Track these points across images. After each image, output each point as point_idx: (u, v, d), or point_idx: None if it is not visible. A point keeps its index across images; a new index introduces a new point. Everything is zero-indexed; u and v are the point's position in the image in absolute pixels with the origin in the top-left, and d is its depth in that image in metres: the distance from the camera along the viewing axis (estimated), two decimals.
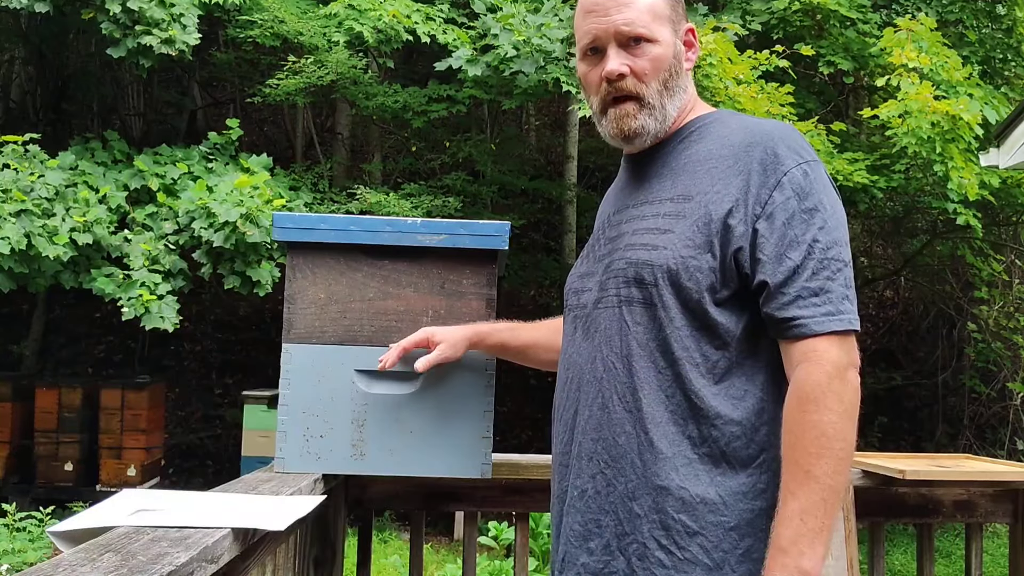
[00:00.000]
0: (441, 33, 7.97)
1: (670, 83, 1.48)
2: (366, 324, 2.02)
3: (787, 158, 1.40)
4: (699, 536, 1.35)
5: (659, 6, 1.48)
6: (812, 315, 1.35)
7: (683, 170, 1.46)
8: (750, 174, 1.39)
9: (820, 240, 1.37)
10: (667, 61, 1.48)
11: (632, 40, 1.46)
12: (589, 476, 1.44)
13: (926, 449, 9.51)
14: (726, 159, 1.42)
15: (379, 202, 7.96)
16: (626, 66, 1.46)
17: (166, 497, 1.58)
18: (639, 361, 1.41)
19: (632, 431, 1.40)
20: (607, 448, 1.42)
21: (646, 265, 1.41)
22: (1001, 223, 9.33)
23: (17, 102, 11.54)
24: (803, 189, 1.38)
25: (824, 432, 1.31)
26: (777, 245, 1.36)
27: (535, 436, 10.08)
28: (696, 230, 1.39)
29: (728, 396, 1.39)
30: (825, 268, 1.37)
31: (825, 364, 1.33)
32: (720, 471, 1.37)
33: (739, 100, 6.52)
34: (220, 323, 11.16)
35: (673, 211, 1.43)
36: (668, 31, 1.48)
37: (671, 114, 1.49)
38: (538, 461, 2.44)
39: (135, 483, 7.91)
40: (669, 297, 1.40)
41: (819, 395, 1.32)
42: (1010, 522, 2.58)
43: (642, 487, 1.39)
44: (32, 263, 6.78)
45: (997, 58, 8.73)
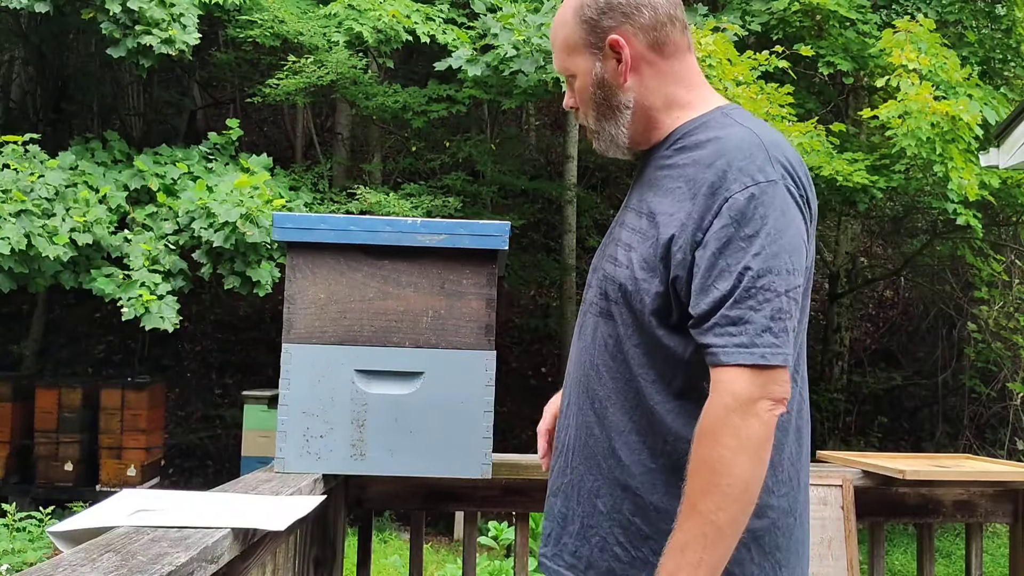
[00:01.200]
0: (441, 33, 7.97)
1: (602, 107, 1.47)
2: (366, 324, 2.02)
3: (735, 182, 1.33)
4: (650, 540, 1.39)
5: (572, 38, 1.47)
6: (724, 344, 1.30)
7: (655, 185, 1.44)
8: (697, 198, 1.35)
9: (752, 268, 1.30)
10: (588, 90, 1.47)
11: (568, 79, 1.51)
12: (571, 468, 1.51)
13: (926, 449, 9.52)
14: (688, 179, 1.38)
15: (379, 202, 7.96)
16: (572, 99, 1.52)
17: (166, 497, 1.58)
18: (607, 371, 1.45)
19: (599, 435, 1.45)
20: (582, 447, 1.49)
21: (612, 280, 1.44)
22: (1001, 223, 9.33)
23: (17, 102, 11.54)
24: (744, 215, 1.31)
25: (713, 468, 1.27)
26: (706, 275, 1.32)
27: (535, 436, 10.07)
28: (651, 253, 1.38)
29: (683, 413, 1.38)
30: (750, 298, 1.30)
31: (726, 396, 1.29)
32: (675, 483, 1.35)
33: (738, 101, 6.52)
34: (220, 323, 11.16)
35: (639, 228, 1.42)
36: (585, 59, 1.46)
37: (623, 131, 1.48)
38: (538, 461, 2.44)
39: (135, 483, 7.91)
40: (626, 314, 1.41)
41: (714, 429, 1.28)
42: (1010, 522, 2.58)
43: (605, 487, 1.44)
44: (32, 263, 6.78)
45: (996, 58, 8.73)
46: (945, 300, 10.45)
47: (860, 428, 10.16)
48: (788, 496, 1.41)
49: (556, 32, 1.50)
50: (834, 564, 2.35)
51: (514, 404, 10.17)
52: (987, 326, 9.37)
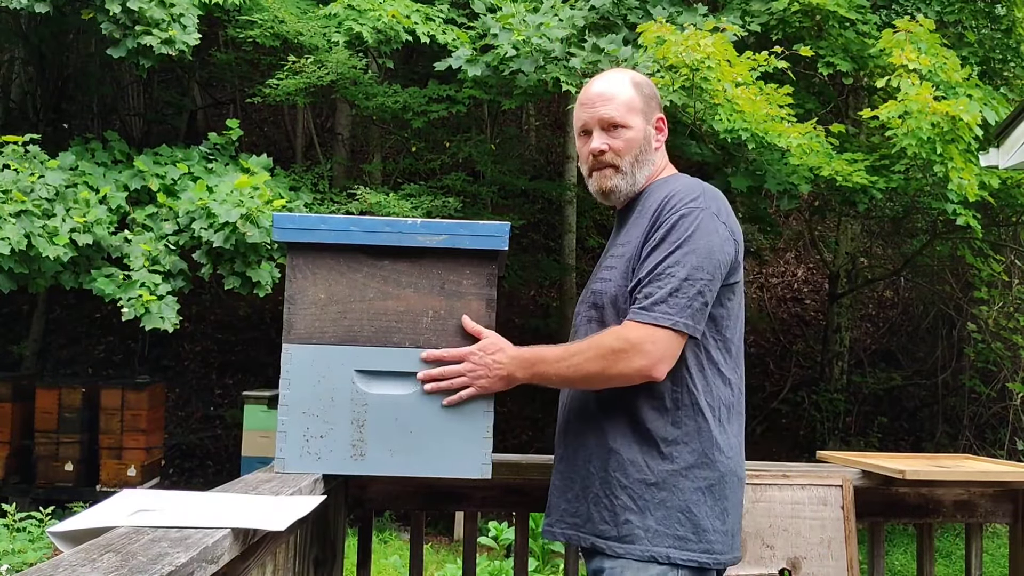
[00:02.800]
0: (441, 33, 7.97)
1: (640, 157, 1.98)
2: (366, 324, 2.02)
3: (670, 211, 1.87)
4: (628, 489, 1.85)
5: (634, 102, 1.98)
6: (634, 310, 1.84)
7: (632, 223, 1.97)
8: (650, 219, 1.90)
9: (667, 260, 1.83)
10: (638, 142, 1.98)
11: (612, 126, 1.97)
12: (564, 445, 1.99)
13: (926, 449, 9.52)
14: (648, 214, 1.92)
15: (379, 202, 7.97)
16: (606, 144, 1.97)
17: (166, 497, 1.58)
18: None
19: (590, 409, 1.93)
20: (574, 425, 1.97)
21: (600, 294, 1.95)
22: (1001, 223, 9.33)
23: (17, 102, 11.55)
24: (672, 226, 1.85)
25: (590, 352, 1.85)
26: (639, 271, 1.86)
27: (535, 436, 10.08)
28: (627, 267, 1.91)
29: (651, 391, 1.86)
30: (657, 279, 1.83)
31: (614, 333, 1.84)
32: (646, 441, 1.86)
33: (737, 102, 6.52)
34: (220, 323, 11.16)
35: (618, 254, 1.96)
36: (639, 119, 1.98)
37: (640, 180, 2.00)
38: (538, 461, 2.45)
39: (135, 483, 7.92)
40: (610, 314, 1.91)
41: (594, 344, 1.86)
42: (1010, 522, 2.58)
43: (595, 454, 1.90)
44: (32, 263, 6.78)
45: (996, 59, 8.72)
46: (945, 300, 10.45)
47: (860, 428, 10.17)
48: (734, 460, 1.89)
49: (619, 91, 1.98)
50: (834, 564, 2.35)
51: (514, 404, 10.18)
52: (987, 326, 9.37)
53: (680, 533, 1.81)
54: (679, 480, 1.83)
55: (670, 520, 1.81)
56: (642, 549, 1.80)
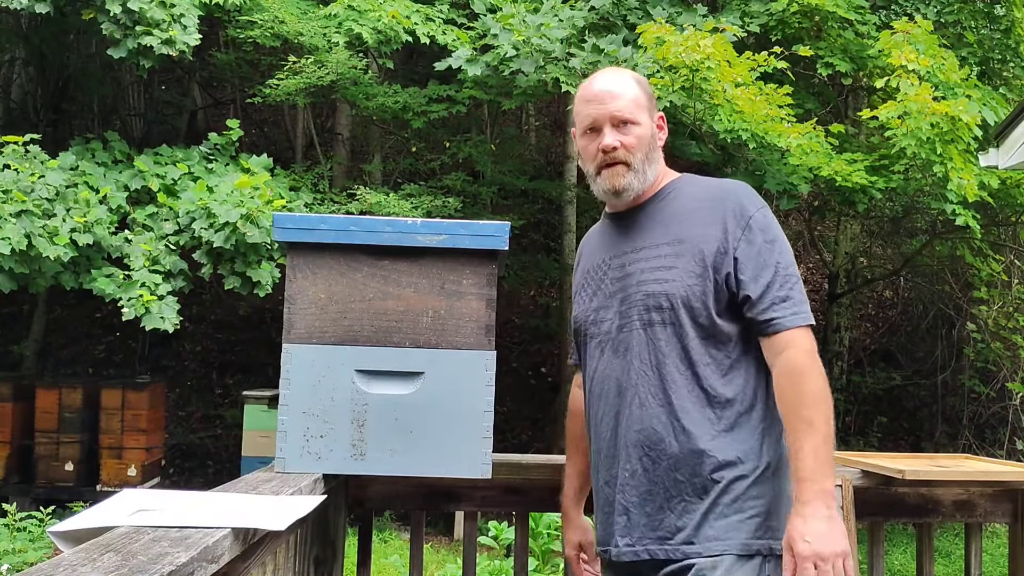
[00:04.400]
0: (441, 34, 7.97)
1: (650, 155, 1.96)
2: (366, 324, 2.02)
3: (749, 206, 1.90)
4: (727, 487, 1.82)
5: (641, 99, 1.96)
6: (783, 315, 1.84)
7: (671, 221, 1.93)
8: (726, 220, 1.88)
9: (781, 262, 1.86)
10: (647, 139, 1.95)
11: (622, 122, 1.93)
12: (637, 459, 1.88)
13: (925, 449, 9.51)
14: (703, 210, 1.91)
15: (379, 202, 7.97)
16: (618, 141, 1.93)
17: (166, 497, 1.59)
18: (666, 368, 1.87)
19: (667, 420, 1.86)
20: (648, 436, 1.87)
21: (661, 295, 1.88)
22: (1000, 223, 9.33)
23: (17, 102, 11.54)
24: (763, 227, 1.88)
25: (816, 394, 1.80)
26: (754, 269, 1.85)
27: (535, 436, 10.08)
28: (695, 264, 1.86)
29: (732, 385, 1.86)
30: (787, 281, 1.86)
31: (803, 348, 1.83)
32: (736, 439, 1.84)
33: (737, 103, 6.52)
34: (220, 323, 11.16)
35: (672, 252, 1.90)
36: (647, 117, 1.96)
37: (650, 178, 1.96)
38: (538, 461, 2.45)
39: (135, 483, 7.92)
40: (683, 316, 1.86)
41: (807, 369, 1.81)
42: (1009, 522, 2.58)
43: (681, 460, 1.84)
44: (32, 263, 6.78)
45: (995, 59, 8.72)
46: (944, 300, 10.45)
47: (860, 428, 10.16)
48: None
49: (625, 88, 1.96)
50: None
51: (514, 404, 10.18)
52: (986, 326, 9.37)
53: (773, 524, 1.82)
54: (770, 473, 1.85)
55: (766, 513, 1.82)
56: (742, 543, 1.79)
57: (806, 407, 1.78)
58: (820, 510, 1.73)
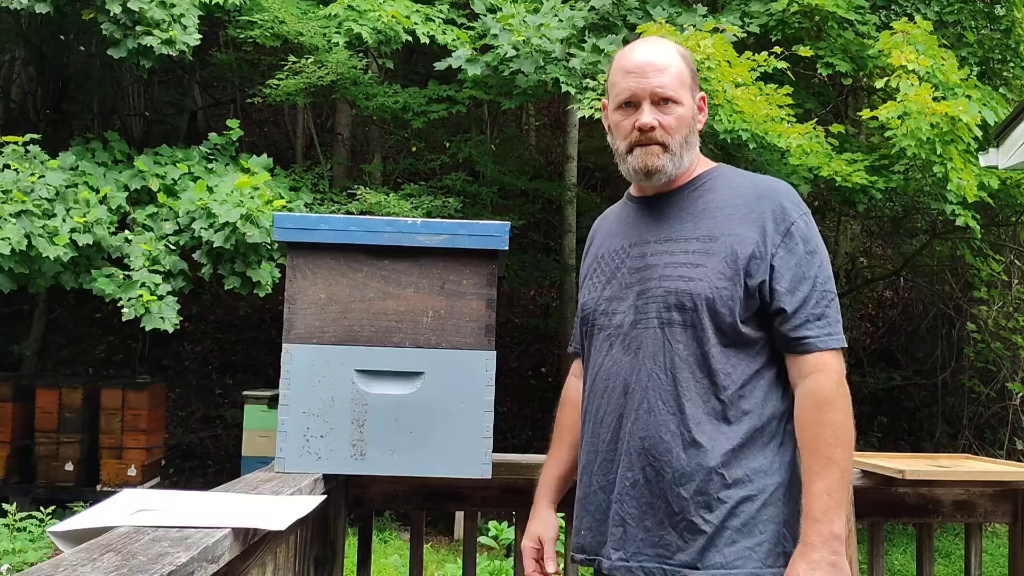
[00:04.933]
0: (441, 33, 7.97)
1: (689, 138, 1.81)
2: (366, 324, 2.02)
3: (792, 211, 1.77)
4: (735, 509, 1.69)
5: (685, 75, 1.81)
6: (817, 335, 1.72)
7: (703, 215, 1.79)
8: (765, 222, 1.74)
9: (819, 276, 1.74)
10: (688, 120, 1.81)
11: (663, 100, 1.78)
12: (639, 468, 1.75)
13: (925, 449, 9.51)
14: (741, 208, 1.77)
15: (379, 202, 7.96)
16: (657, 120, 1.77)
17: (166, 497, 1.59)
18: (681, 373, 1.73)
19: (676, 430, 1.72)
20: (654, 444, 1.74)
21: (685, 294, 1.73)
22: (1000, 223, 9.33)
23: (17, 102, 11.54)
24: (806, 236, 1.75)
25: (838, 427, 1.69)
26: (791, 281, 1.72)
27: (535, 436, 10.08)
28: (725, 265, 1.73)
29: (750, 398, 1.73)
30: (824, 298, 1.73)
31: (832, 374, 1.72)
32: (748, 456, 1.71)
33: (737, 103, 6.52)
34: (220, 323, 11.16)
35: (701, 249, 1.75)
36: (689, 96, 1.81)
37: (685, 163, 1.82)
38: (538, 461, 2.44)
39: (135, 483, 7.92)
40: (706, 320, 1.72)
41: (832, 398, 1.71)
42: (1010, 522, 2.58)
43: (687, 475, 1.71)
44: (32, 264, 6.78)
45: (995, 59, 8.72)
46: (945, 300, 10.44)
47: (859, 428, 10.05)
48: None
49: (669, 62, 1.80)
50: None
51: (514, 404, 10.18)
52: (986, 326, 9.37)
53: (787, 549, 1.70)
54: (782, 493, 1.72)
55: (779, 537, 1.70)
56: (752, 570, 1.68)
57: (826, 441, 1.67)
58: (826, 556, 1.62)
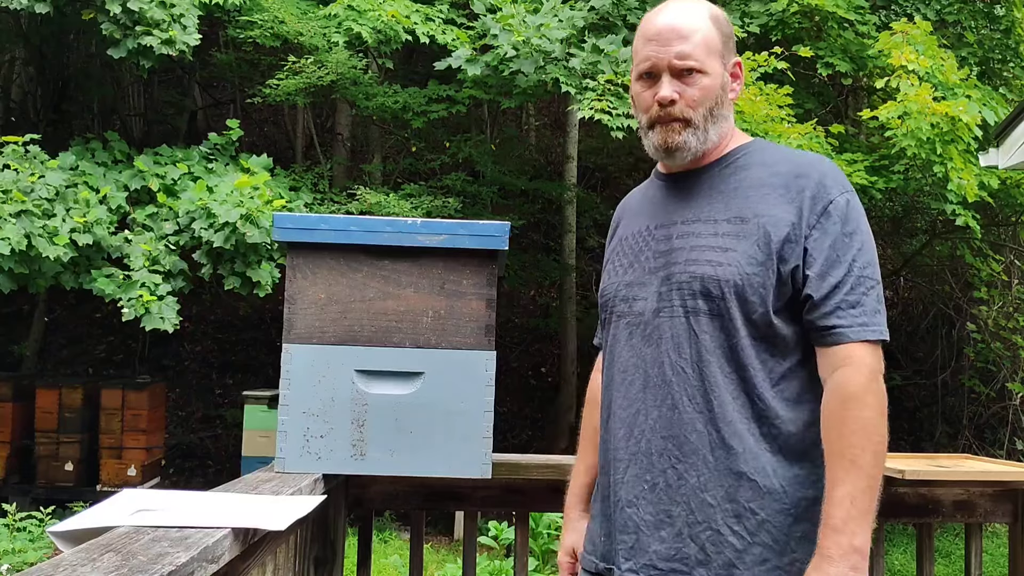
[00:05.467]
0: (440, 33, 7.97)
1: (715, 111, 1.63)
2: (366, 324, 2.02)
3: (832, 188, 1.58)
4: (767, 523, 1.53)
5: (713, 41, 1.63)
6: (849, 324, 1.53)
7: (734, 194, 1.62)
8: (802, 202, 1.56)
9: (858, 260, 1.55)
10: (715, 91, 1.63)
11: (685, 71, 1.61)
12: (660, 471, 1.59)
13: (925, 449, 9.50)
14: (777, 187, 1.59)
15: (379, 202, 7.96)
16: (677, 93, 1.61)
17: (166, 497, 1.59)
18: (708, 367, 1.56)
19: (703, 429, 1.56)
20: (678, 445, 1.57)
21: (712, 280, 1.56)
22: (1000, 223, 9.33)
23: (17, 102, 11.54)
24: (845, 215, 1.56)
25: (866, 427, 1.49)
26: (823, 264, 1.54)
27: (535, 436, 10.08)
28: (757, 249, 1.55)
29: (783, 398, 1.56)
30: (861, 284, 1.54)
31: (863, 368, 1.52)
32: (780, 464, 1.54)
33: (737, 103, 6.52)
34: (220, 323, 11.16)
35: (731, 231, 1.58)
36: (718, 64, 1.63)
37: (712, 138, 1.64)
38: (538, 461, 2.45)
39: (135, 483, 7.92)
40: (735, 309, 1.55)
41: (861, 395, 1.51)
42: (1010, 522, 2.58)
43: (714, 480, 1.54)
44: (32, 264, 6.78)
45: (995, 59, 8.73)
46: (945, 300, 10.44)
47: None
48: None
49: (696, 26, 1.62)
50: None
51: (514, 404, 10.17)
52: (986, 326, 9.37)
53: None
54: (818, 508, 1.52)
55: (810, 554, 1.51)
56: None
57: (850, 442, 1.48)
58: (844, 571, 1.44)
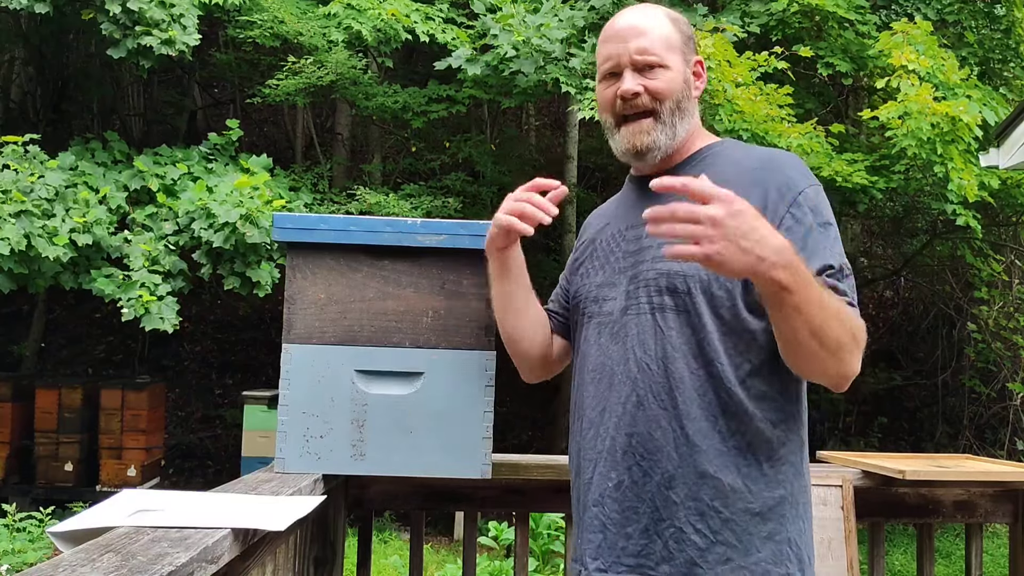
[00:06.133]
0: (440, 32, 7.97)
1: (682, 104, 1.62)
2: (366, 324, 2.02)
3: (799, 180, 1.56)
4: (730, 522, 1.51)
5: (672, 38, 1.63)
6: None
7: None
8: (767, 193, 1.53)
9: (836, 249, 1.53)
10: (678, 84, 1.62)
11: (646, 66, 1.60)
12: (625, 468, 1.57)
13: (926, 449, 9.51)
14: (743, 182, 1.54)
15: (379, 203, 7.97)
16: (640, 86, 1.60)
17: (166, 497, 1.58)
18: (674, 363, 1.54)
19: (667, 426, 1.54)
20: (642, 442, 1.56)
21: (677, 275, 1.54)
22: (1001, 223, 9.33)
23: (17, 102, 11.54)
24: (816, 206, 1.54)
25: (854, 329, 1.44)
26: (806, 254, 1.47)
27: (535, 436, 10.08)
28: None
29: (752, 395, 1.53)
30: (841, 272, 1.51)
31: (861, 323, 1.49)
32: (746, 462, 1.52)
33: (737, 102, 6.52)
34: (220, 323, 11.16)
35: None
36: (679, 59, 1.63)
37: (680, 134, 1.63)
38: (538, 461, 2.44)
39: (135, 483, 7.91)
40: (702, 304, 1.53)
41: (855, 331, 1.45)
42: (1010, 522, 2.58)
43: (678, 477, 1.53)
44: (32, 264, 6.78)
45: (995, 59, 8.73)
46: (945, 300, 10.44)
47: (860, 428, 10.16)
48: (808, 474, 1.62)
49: (654, 24, 1.63)
50: (834, 564, 2.35)
51: (514, 404, 10.17)
52: (987, 326, 9.37)
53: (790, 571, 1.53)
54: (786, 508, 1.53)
55: (780, 556, 1.52)
56: None
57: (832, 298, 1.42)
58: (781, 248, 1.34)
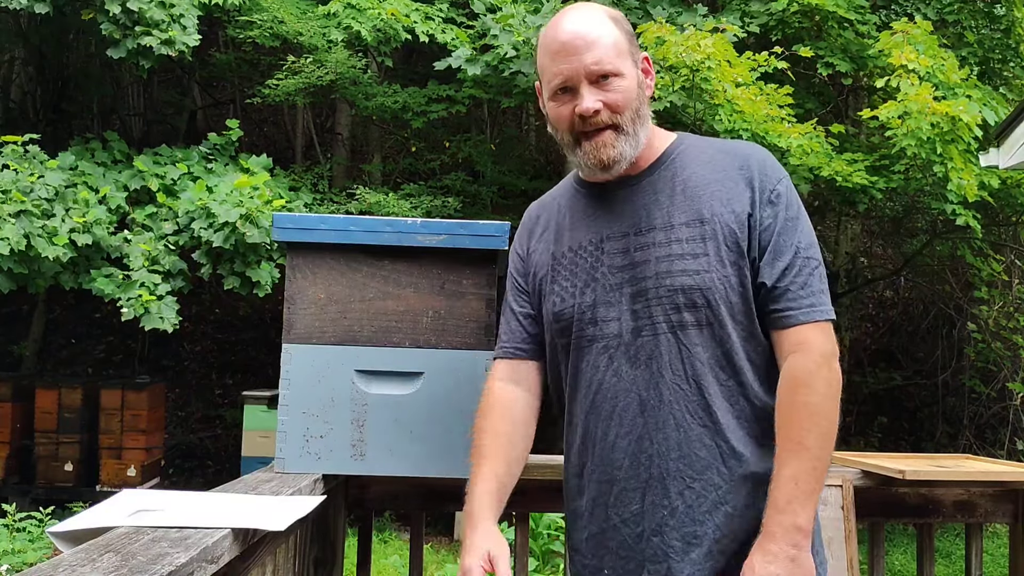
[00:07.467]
0: (440, 32, 7.97)
1: (640, 110, 1.60)
2: (366, 324, 2.02)
3: (772, 175, 1.60)
4: None
5: (621, 42, 1.58)
6: (799, 307, 1.54)
7: (683, 196, 1.60)
8: (752, 192, 1.57)
9: (802, 242, 1.57)
10: (634, 92, 1.58)
11: (601, 77, 1.56)
12: (677, 493, 1.56)
13: (926, 449, 9.51)
14: (725, 183, 1.59)
15: (379, 202, 7.96)
16: (599, 102, 1.56)
17: (166, 497, 1.58)
18: (704, 379, 1.55)
19: (712, 443, 1.55)
20: (689, 464, 1.56)
21: (695, 290, 1.55)
22: (1001, 223, 9.33)
23: (17, 102, 11.54)
24: (788, 201, 1.59)
25: (813, 411, 1.50)
26: (772, 251, 1.55)
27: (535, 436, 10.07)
28: (726, 249, 1.55)
29: (770, 390, 1.57)
30: (806, 266, 1.55)
31: (813, 353, 1.52)
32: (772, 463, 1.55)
33: (737, 102, 6.52)
34: (220, 323, 11.16)
35: (695, 235, 1.57)
36: (630, 64, 1.59)
37: (642, 140, 1.61)
38: (538, 461, 2.44)
39: (135, 483, 7.91)
40: (725, 315, 1.55)
41: (809, 380, 1.51)
42: (1010, 522, 2.58)
43: (732, 490, 1.55)
44: (32, 264, 6.78)
45: (995, 59, 8.73)
46: (945, 300, 10.44)
47: (860, 428, 10.16)
48: None
49: (602, 31, 1.57)
50: (834, 564, 2.35)
51: None
52: (987, 326, 9.37)
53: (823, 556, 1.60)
54: None
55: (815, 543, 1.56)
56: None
57: (798, 424, 1.49)
58: (785, 548, 1.46)
